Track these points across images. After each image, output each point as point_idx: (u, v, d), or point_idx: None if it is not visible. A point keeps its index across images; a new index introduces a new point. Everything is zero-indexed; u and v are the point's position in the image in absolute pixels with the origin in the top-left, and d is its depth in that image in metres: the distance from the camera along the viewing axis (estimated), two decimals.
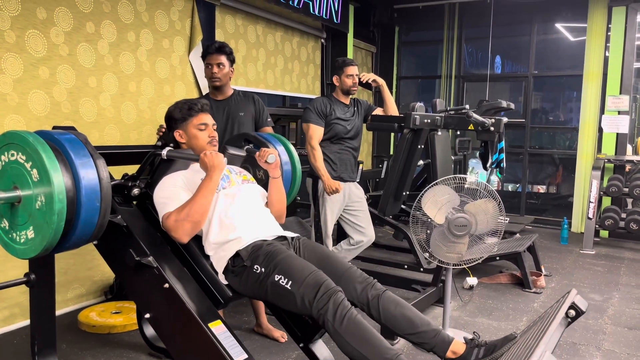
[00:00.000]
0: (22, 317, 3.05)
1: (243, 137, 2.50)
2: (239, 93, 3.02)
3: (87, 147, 1.66)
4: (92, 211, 1.61)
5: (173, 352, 1.88)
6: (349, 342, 1.69)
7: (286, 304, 1.83)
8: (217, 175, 1.94)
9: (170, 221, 1.88)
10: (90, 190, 1.60)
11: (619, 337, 3.14)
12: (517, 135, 6.86)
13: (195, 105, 2.15)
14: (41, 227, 1.55)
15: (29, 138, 1.54)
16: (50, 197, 1.50)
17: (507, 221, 2.71)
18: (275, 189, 2.21)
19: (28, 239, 1.60)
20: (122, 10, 3.50)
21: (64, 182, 1.53)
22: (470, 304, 3.64)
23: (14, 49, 2.91)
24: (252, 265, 1.87)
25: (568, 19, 6.47)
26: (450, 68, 6.97)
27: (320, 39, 5.84)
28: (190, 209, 1.87)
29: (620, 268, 4.63)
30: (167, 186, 1.98)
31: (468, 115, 2.85)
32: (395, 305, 1.87)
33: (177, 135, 2.15)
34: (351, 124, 3.37)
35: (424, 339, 1.84)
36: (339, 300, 1.72)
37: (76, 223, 1.59)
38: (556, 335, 1.65)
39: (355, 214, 3.42)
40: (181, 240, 1.90)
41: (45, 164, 1.51)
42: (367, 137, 7.04)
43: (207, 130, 2.14)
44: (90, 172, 1.61)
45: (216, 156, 1.95)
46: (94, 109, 3.37)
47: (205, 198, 1.91)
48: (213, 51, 2.87)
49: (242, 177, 2.18)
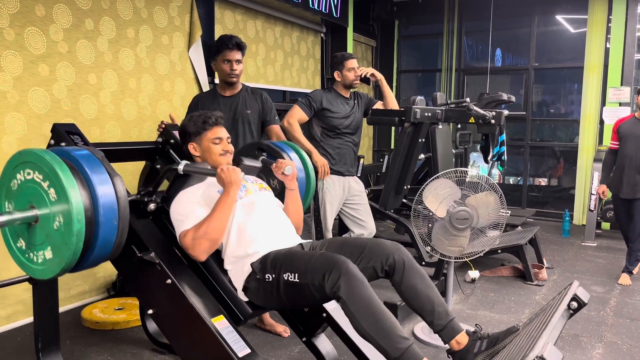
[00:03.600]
0: (25, 314, 3.06)
1: (256, 146, 2.45)
2: (247, 89, 2.99)
3: (104, 164, 1.62)
4: (111, 231, 1.57)
5: (176, 347, 1.89)
6: (362, 324, 1.66)
7: (306, 300, 1.79)
8: (235, 191, 1.90)
9: (188, 239, 1.84)
10: (109, 210, 1.56)
11: (621, 328, 3.14)
12: (518, 128, 6.84)
13: (209, 118, 2.10)
14: (59, 248, 1.51)
15: (46, 157, 1.50)
16: (69, 217, 1.47)
17: (508, 214, 2.72)
18: (292, 201, 2.18)
19: (46, 259, 1.56)
20: (120, 6, 3.49)
21: (83, 202, 1.49)
22: (472, 297, 3.65)
23: (13, 47, 2.91)
24: (264, 276, 1.84)
25: (568, 11, 6.44)
26: (451, 61, 6.95)
27: (319, 34, 5.82)
28: (208, 227, 1.83)
29: (622, 260, 4.62)
30: (184, 202, 1.94)
31: (469, 109, 2.85)
32: (419, 279, 1.86)
33: (191, 148, 2.12)
34: (351, 118, 3.36)
35: (436, 319, 1.84)
36: (349, 271, 1.67)
37: (94, 243, 1.55)
38: (558, 327, 1.65)
39: (356, 208, 3.42)
40: (199, 258, 1.86)
41: (63, 183, 1.47)
42: (368, 131, 7.03)
43: (222, 144, 2.09)
44: (108, 191, 1.57)
45: (233, 172, 1.90)
46: (94, 106, 3.37)
47: (223, 215, 1.86)
48: (233, 47, 2.81)
49: (258, 185, 2.14)
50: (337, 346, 2.27)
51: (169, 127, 2.52)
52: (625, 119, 4.06)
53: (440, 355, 2.68)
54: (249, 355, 1.73)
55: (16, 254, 1.65)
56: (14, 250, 1.66)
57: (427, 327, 2.98)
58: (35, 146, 2.99)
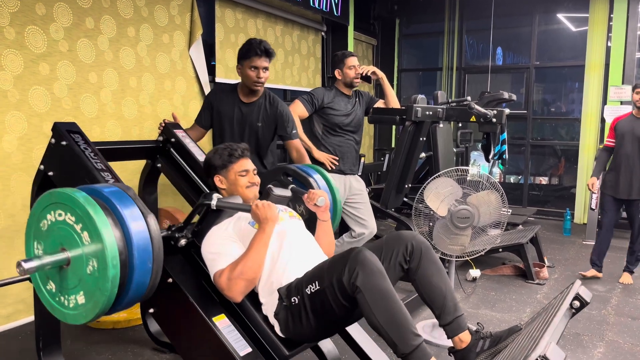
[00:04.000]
0: (26, 313, 3.05)
1: (282, 171, 2.40)
2: (267, 98, 2.86)
3: (137, 203, 1.54)
4: (144, 273, 1.51)
5: (177, 346, 1.88)
6: (376, 316, 1.62)
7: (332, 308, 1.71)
8: (271, 228, 1.83)
9: (223, 280, 1.77)
10: (143, 252, 1.49)
11: (623, 327, 3.14)
12: (519, 126, 6.84)
13: (235, 151, 2.07)
14: (93, 293, 1.45)
15: (79, 199, 1.44)
16: (104, 262, 1.40)
17: (509, 213, 2.71)
18: (324, 233, 2.10)
19: (78, 304, 1.50)
20: (121, 5, 3.48)
21: (117, 246, 1.43)
22: (473, 296, 3.65)
23: (14, 46, 2.90)
24: (290, 301, 1.77)
25: (569, 9, 6.43)
26: (452, 60, 6.94)
27: (320, 32, 5.81)
28: (244, 266, 1.76)
29: (623, 259, 4.61)
30: (216, 239, 1.88)
31: (470, 107, 2.84)
32: (434, 269, 1.83)
33: (217, 180, 2.07)
34: (352, 116, 3.36)
35: (444, 313, 1.82)
36: (367, 258, 1.63)
37: (128, 287, 1.49)
38: (561, 326, 1.65)
39: (357, 207, 3.42)
40: (235, 299, 1.79)
41: (97, 227, 1.40)
42: (369, 130, 7.02)
43: (248, 176, 2.06)
44: (142, 232, 1.50)
45: (269, 208, 1.83)
46: (95, 104, 3.37)
47: (259, 253, 1.80)
48: (262, 54, 2.67)
49: (288, 213, 2.09)
50: (338, 345, 2.27)
51: (169, 126, 2.52)
52: (623, 116, 3.98)
53: (442, 354, 2.68)
54: (250, 354, 1.73)
55: (45, 296, 1.58)
56: (43, 293, 1.58)
57: (428, 326, 2.98)
58: (37, 145, 3.00)
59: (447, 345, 1.91)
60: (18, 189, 2.97)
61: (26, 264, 1.44)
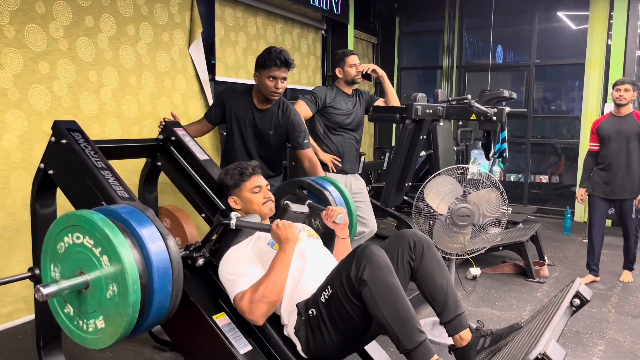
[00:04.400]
0: (27, 311, 3.06)
1: (297, 184, 2.39)
2: (281, 106, 2.81)
3: (156, 224, 1.51)
4: (164, 297, 1.48)
5: (178, 344, 1.88)
6: (382, 310, 1.60)
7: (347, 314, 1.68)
8: (292, 249, 1.79)
9: (245, 303, 1.72)
10: (163, 275, 1.46)
11: (623, 325, 3.14)
12: (520, 125, 6.83)
13: (246, 169, 2.05)
14: (114, 318, 1.41)
15: (98, 222, 1.40)
16: (125, 287, 1.37)
17: (509, 211, 2.71)
18: (343, 250, 2.06)
19: (98, 328, 1.46)
20: (121, 3, 3.48)
21: (138, 270, 1.39)
22: (473, 294, 3.65)
23: (14, 44, 2.90)
24: (308, 314, 1.74)
25: (570, 7, 6.43)
26: (452, 58, 6.94)
27: (320, 31, 5.81)
28: (266, 289, 1.71)
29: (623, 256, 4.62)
30: (234, 261, 1.84)
31: (470, 105, 2.84)
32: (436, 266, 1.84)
33: (232, 202, 2.04)
34: (353, 115, 3.36)
35: (445, 310, 1.82)
36: (373, 256, 1.62)
37: (148, 310, 1.45)
38: (561, 324, 1.65)
39: (357, 206, 3.41)
40: (257, 322, 1.74)
41: (118, 252, 1.37)
42: (369, 128, 7.02)
43: (262, 192, 2.03)
44: (162, 254, 1.47)
45: (290, 228, 1.79)
46: (95, 103, 3.36)
47: (281, 275, 1.75)
48: (282, 64, 2.63)
49: (307, 232, 2.06)
50: None
51: (169, 125, 2.52)
52: (602, 118, 3.90)
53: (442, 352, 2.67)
54: (250, 352, 1.73)
55: (63, 320, 1.54)
56: (61, 317, 1.55)
57: (429, 324, 2.98)
58: (36, 144, 3.00)
59: (448, 343, 1.91)
60: (18, 188, 2.97)
61: (45, 290, 1.40)
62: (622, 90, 3.68)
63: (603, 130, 3.81)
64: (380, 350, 2.11)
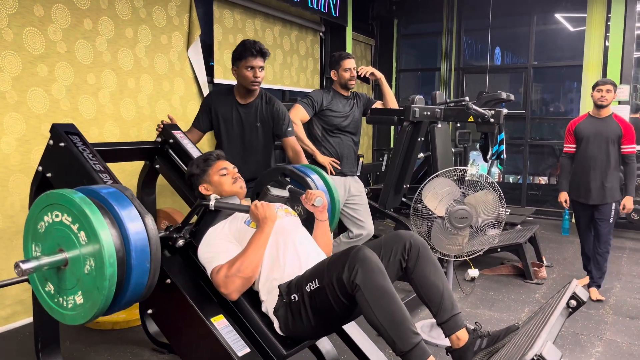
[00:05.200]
0: (25, 314, 3.05)
1: (280, 171, 2.40)
2: (263, 97, 2.88)
3: (134, 203, 1.55)
4: (143, 273, 1.51)
5: (176, 347, 1.89)
6: (375, 314, 1.62)
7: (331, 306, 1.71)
8: (269, 228, 1.85)
9: (220, 277, 1.77)
10: (141, 252, 1.50)
11: (621, 326, 3.14)
12: (518, 126, 6.85)
13: (210, 155, 2.13)
14: (91, 292, 1.45)
15: (76, 199, 1.44)
16: (101, 261, 1.41)
17: (507, 213, 2.72)
18: (321, 233, 2.10)
19: (77, 304, 1.50)
20: (119, 6, 3.48)
21: (114, 245, 1.44)
22: (471, 296, 3.65)
23: (12, 47, 2.91)
24: (289, 298, 1.77)
25: (567, 9, 6.45)
26: (450, 60, 6.95)
27: (318, 33, 5.82)
28: (242, 264, 1.77)
29: (622, 258, 4.63)
30: (212, 239, 1.90)
31: (468, 107, 2.85)
32: (431, 268, 1.84)
33: (203, 189, 2.08)
34: (350, 118, 3.37)
35: (441, 311, 1.82)
36: (367, 256, 1.64)
37: (126, 287, 1.49)
38: (557, 325, 1.66)
39: (355, 208, 3.43)
40: (231, 297, 1.80)
41: (94, 226, 1.41)
42: (367, 130, 7.03)
43: (230, 173, 2.09)
44: (140, 232, 1.51)
45: (268, 208, 1.85)
46: (93, 105, 3.37)
47: (257, 252, 1.81)
48: (257, 54, 2.70)
49: (284, 210, 2.10)
50: (336, 345, 2.28)
51: (167, 127, 2.53)
52: (579, 119, 3.72)
53: (440, 354, 2.68)
54: (248, 354, 1.73)
55: (44, 298, 1.58)
56: (42, 295, 1.59)
57: (427, 326, 2.98)
58: (35, 147, 3.00)
59: (445, 345, 1.91)
60: (16, 190, 2.97)
61: (24, 265, 1.45)
62: (604, 91, 3.53)
63: (581, 131, 3.64)
64: (378, 353, 2.12)
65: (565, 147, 3.79)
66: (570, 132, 3.73)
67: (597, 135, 3.57)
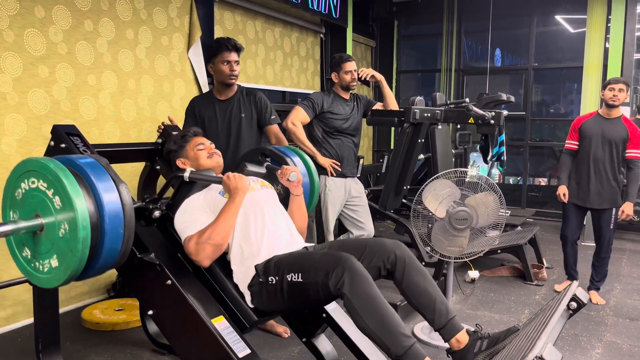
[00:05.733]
0: (25, 315, 3.06)
1: (260, 151, 2.45)
2: (243, 91, 2.98)
3: (109, 171, 1.61)
4: (116, 239, 1.57)
5: (176, 348, 1.89)
6: (366, 321, 1.66)
7: (309, 300, 1.79)
8: (241, 198, 1.91)
9: (192, 244, 1.84)
10: (114, 217, 1.55)
11: (621, 328, 3.14)
12: (518, 128, 6.85)
13: (187, 132, 2.22)
14: (65, 255, 1.50)
15: (50, 165, 1.50)
16: (75, 224, 1.46)
17: (508, 214, 2.72)
18: (296, 207, 2.18)
19: (52, 267, 1.56)
20: (120, 7, 3.49)
21: (88, 209, 1.49)
22: (472, 297, 3.65)
23: (13, 48, 2.91)
24: (267, 278, 1.84)
25: (568, 11, 6.45)
26: (450, 61, 6.96)
27: (319, 34, 5.83)
28: (212, 232, 1.84)
29: (622, 260, 4.63)
30: (188, 209, 1.96)
31: (468, 109, 2.85)
32: (420, 277, 1.86)
33: (180, 163, 2.16)
34: (351, 120, 3.37)
35: (437, 317, 1.83)
36: (353, 267, 1.68)
37: (100, 251, 1.55)
38: (558, 327, 1.66)
39: (355, 209, 3.42)
40: (202, 263, 1.86)
41: (67, 191, 1.46)
42: (368, 131, 7.03)
43: (206, 148, 2.17)
44: (113, 199, 1.56)
45: (239, 179, 1.92)
46: (94, 107, 3.37)
47: (228, 221, 1.87)
48: (232, 48, 2.83)
49: (260, 183, 2.15)
50: (337, 346, 2.28)
51: (168, 129, 2.53)
52: (587, 117, 3.56)
53: (440, 355, 2.68)
54: (249, 355, 1.74)
55: (22, 263, 1.64)
56: (20, 260, 1.64)
57: (427, 327, 2.98)
58: (36, 148, 3.00)
59: (446, 346, 1.91)
60: None
61: (1, 228, 1.51)
62: (616, 90, 3.37)
63: (587, 129, 3.48)
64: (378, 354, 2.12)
65: (567, 144, 3.62)
66: (575, 129, 3.56)
67: (602, 136, 3.43)
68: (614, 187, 3.47)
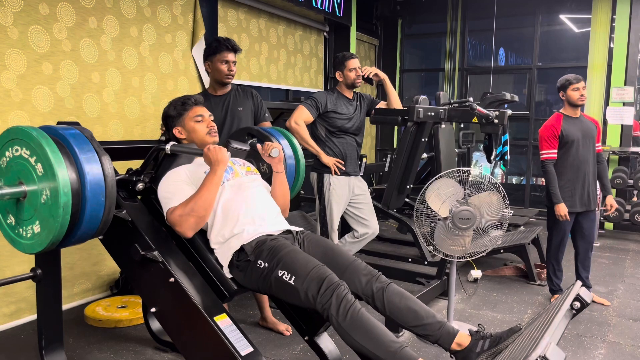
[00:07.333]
0: (29, 311, 3.07)
1: (246, 132, 2.50)
2: (238, 88, 3.02)
3: (92, 142, 1.67)
4: (97, 206, 1.62)
5: (179, 345, 1.89)
6: (354, 337, 1.70)
7: (290, 299, 1.84)
8: (222, 170, 1.95)
9: (175, 216, 1.90)
10: (95, 185, 1.61)
11: (624, 328, 3.13)
12: (521, 127, 6.83)
13: (188, 100, 2.21)
14: (47, 221, 1.56)
15: (33, 133, 1.56)
16: (56, 190, 1.51)
17: (511, 214, 2.71)
18: (279, 183, 2.22)
19: (34, 233, 1.61)
20: (124, 5, 3.49)
21: (69, 176, 1.54)
22: (474, 297, 3.65)
23: (17, 45, 2.91)
24: (256, 260, 1.88)
25: (572, 10, 6.43)
26: (454, 61, 6.94)
27: (322, 33, 5.82)
28: (195, 204, 1.88)
29: (625, 260, 4.62)
30: (171, 181, 2.00)
31: (472, 108, 2.84)
32: (400, 297, 1.87)
33: (177, 132, 2.18)
34: (354, 119, 3.36)
35: (429, 331, 1.84)
36: (342, 294, 1.72)
37: (81, 218, 1.60)
38: (561, 327, 1.65)
39: (359, 207, 3.42)
40: (185, 234, 1.92)
41: (49, 157, 1.52)
42: (371, 130, 7.03)
43: (205, 121, 2.17)
44: (95, 167, 1.62)
45: (220, 150, 1.96)
46: (98, 104, 3.38)
47: (210, 192, 1.91)
48: (231, 49, 2.87)
49: (245, 168, 2.19)
50: (339, 345, 2.28)
51: None
52: (558, 122, 3.32)
53: (442, 354, 2.68)
54: (251, 353, 1.73)
55: (6, 230, 1.70)
56: (4, 227, 1.70)
57: None
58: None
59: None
60: None
61: None
62: (582, 89, 3.28)
63: (570, 134, 3.28)
64: None
65: (547, 154, 3.32)
66: (554, 136, 3.30)
67: (585, 137, 3.31)
68: (596, 184, 3.46)
